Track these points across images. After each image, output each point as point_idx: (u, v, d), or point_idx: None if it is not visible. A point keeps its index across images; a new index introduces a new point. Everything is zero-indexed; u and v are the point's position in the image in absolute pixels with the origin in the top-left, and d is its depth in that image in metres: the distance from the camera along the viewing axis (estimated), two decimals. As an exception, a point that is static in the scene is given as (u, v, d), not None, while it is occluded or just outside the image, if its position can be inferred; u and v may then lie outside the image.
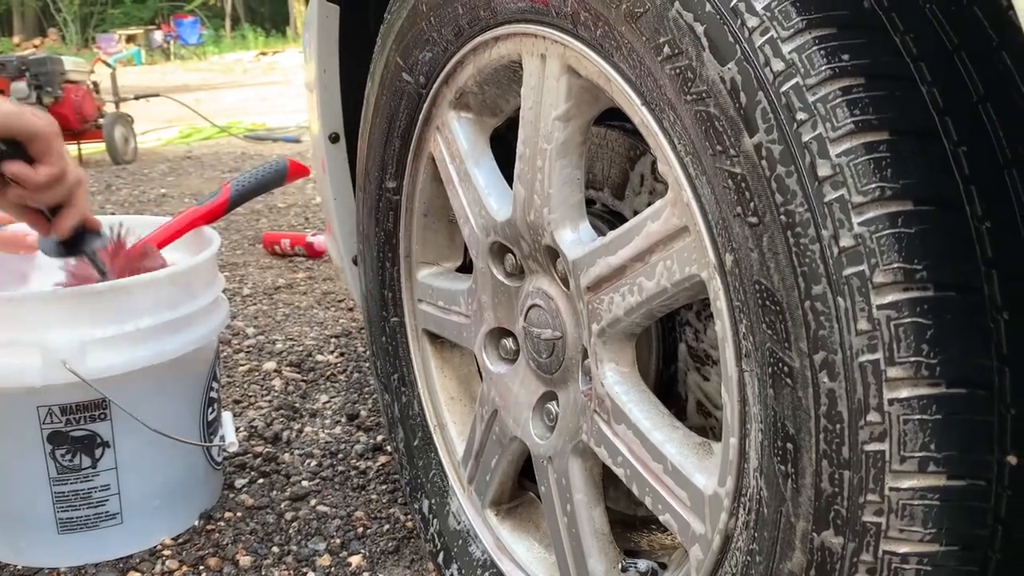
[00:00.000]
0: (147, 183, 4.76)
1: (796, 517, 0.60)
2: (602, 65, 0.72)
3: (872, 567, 0.56)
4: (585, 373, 0.84)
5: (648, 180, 0.91)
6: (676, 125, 0.64)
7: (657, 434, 0.76)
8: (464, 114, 0.98)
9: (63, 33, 23.53)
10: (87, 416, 1.22)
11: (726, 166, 0.60)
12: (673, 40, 0.62)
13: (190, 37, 21.78)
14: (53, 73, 5.16)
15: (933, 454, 0.54)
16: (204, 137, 6.82)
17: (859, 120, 0.54)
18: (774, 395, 0.60)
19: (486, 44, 0.89)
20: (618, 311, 0.76)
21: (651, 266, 0.72)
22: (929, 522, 0.55)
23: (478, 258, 0.97)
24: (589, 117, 0.80)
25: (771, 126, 0.56)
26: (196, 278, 1.31)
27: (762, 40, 0.56)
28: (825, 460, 0.57)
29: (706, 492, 0.70)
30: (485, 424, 1.03)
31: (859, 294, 0.54)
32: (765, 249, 0.58)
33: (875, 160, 0.53)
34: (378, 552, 1.30)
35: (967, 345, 0.54)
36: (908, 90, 0.55)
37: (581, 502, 0.88)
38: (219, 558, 1.29)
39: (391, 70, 1.04)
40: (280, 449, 1.63)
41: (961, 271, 0.54)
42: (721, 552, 0.69)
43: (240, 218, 3.64)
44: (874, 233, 0.53)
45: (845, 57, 0.55)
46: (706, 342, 0.85)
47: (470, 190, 0.96)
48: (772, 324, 0.59)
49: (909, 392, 0.53)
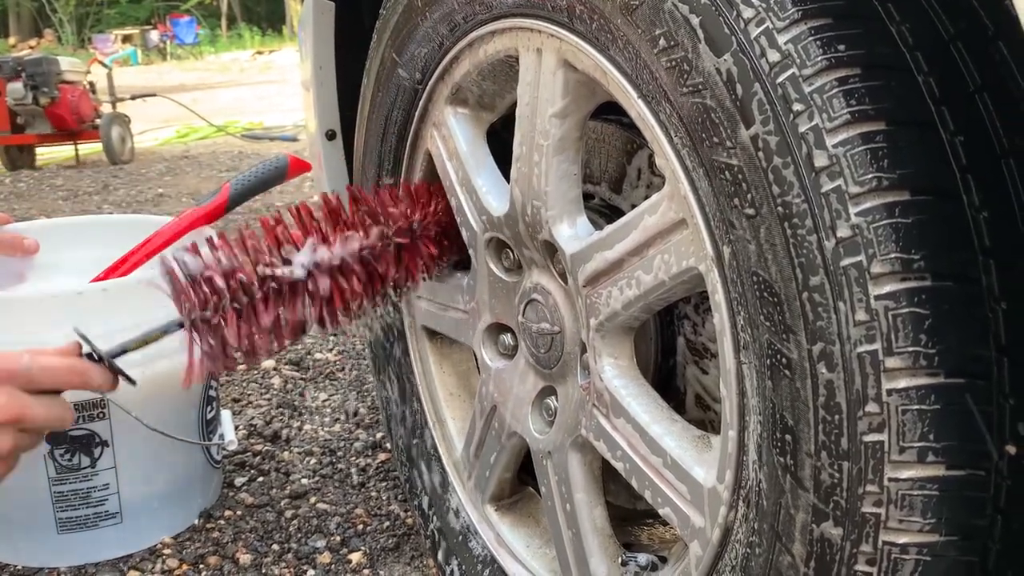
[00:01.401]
0: (144, 183, 4.76)
1: (795, 509, 0.60)
2: (598, 59, 0.72)
3: (872, 558, 0.56)
4: (584, 367, 0.84)
5: (645, 174, 0.90)
6: (672, 118, 0.64)
7: (656, 428, 0.75)
8: (460, 110, 0.98)
9: (59, 33, 23.52)
10: (86, 415, 1.22)
11: (723, 158, 0.60)
12: (669, 32, 0.62)
13: (186, 37, 21.78)
14: (49, 74, 5.17)
15: (932, 444, 0.54)
16: (201, 136, 6.82)
17: (856, 110, 0.54)
18: (772, 387, 0.60)
19: (482, 39, 0.89)
20: (616, 305, 0.76)
21: (649, 260, 0.72)
22: (928, 512, 0.55)
23: (476, 254, 0.97)
24: (585, 112, 0.80)
25: (767, 117, 0.56)
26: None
27: (758, 31, 0.56)
28: (824, 451, 0.57)
29: (705, 485, 0.70)
30: (484, 420, 1.03)
31: (857, 284, 0.54)
32: (763, 241, 0.58)
33: (872, 150, 0.53)
34: (378, 549, 1.30)
35: (965, 335, 0.54)
36: (905, 80, 0.55)
37: (581, 497, 0.88)
38: (219, 556, 1.29)
39: (387, 66, 1.03)
40: (279, 447, 1.63)
41: (959, 261, 0.54)
42: (721, 545, 0.69)
43: (239, 217, 3.64)
44: (871, 223, 0.53)
45: (841, 47, 0.54)
46: (704, 335, 0.85)
47: (467, 185, 0.96)
48: (770, 316, 0.59)
49: (907, 382, 0.53)
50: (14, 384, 0.79)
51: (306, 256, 0.87)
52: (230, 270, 0.84)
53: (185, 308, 0.84)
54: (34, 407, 0.80)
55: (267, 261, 0.86)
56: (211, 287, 0.84)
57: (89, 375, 0.83)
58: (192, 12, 24.05)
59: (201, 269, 0.84)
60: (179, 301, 0.84)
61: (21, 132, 5.37)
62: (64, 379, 0.83)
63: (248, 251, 0.86)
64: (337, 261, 0.88)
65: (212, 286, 0.84)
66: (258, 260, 0.86)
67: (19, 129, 5.35)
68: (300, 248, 0.87)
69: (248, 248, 0.86)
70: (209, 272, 0.84)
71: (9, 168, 5.45)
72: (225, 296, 0.84)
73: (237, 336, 0.84)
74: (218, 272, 0.84)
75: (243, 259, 0.85)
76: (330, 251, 0.88)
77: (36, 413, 0.80)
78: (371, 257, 0.91)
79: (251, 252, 0.86)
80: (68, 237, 1.47)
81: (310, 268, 0.87)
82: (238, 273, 0.84)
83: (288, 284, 0.86)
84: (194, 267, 0.84)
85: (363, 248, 0.90)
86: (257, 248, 0.86)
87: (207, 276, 0.84)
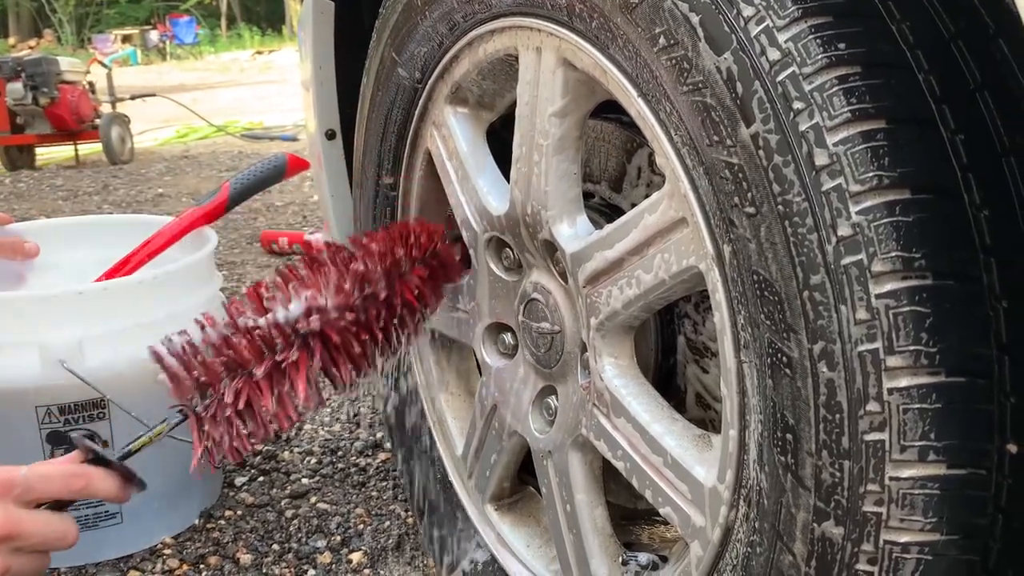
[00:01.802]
0: (144, 183, 4.75)
1: (797, 508, 0.60)
2: (598, 57, 0.71)
3: (873, 557, 0.56)
4: (584, 367, 0.84)
5: (645, 172, 0.90)
6: (673, 116, 0.64)
7: (656, 427, 0.75)
8: (460, 109, 0.98)
9: (59, 33, 23.52)
10: (86, 416, 1.22)
11: (723, 156, 0.60)
12: (669, 30, 0.62)
13: (186, 37, 21.78)
14: (49, 74, 5.16)
15: (933, 443, 0.54)
16: (201, 136, 6.81)
17: (856, 108, 0.54)
18: (773, 386, 0.60)
19: (481, 38, 0.89)
20: (616, 304, 0.76)
21: (649, 259, 0.71)
22: (929, 511, 0.55)
23: (476, 253, 0.97)
24: (585, 111, 0.80)
25: (768, 116, 0.56)
26: (193, 276, 1.30)
27: (758, 29, 0.56)
28: (825, 450, 0.57)
29: (706, 484, 0.70)
30: (484, 419, 1.03)
31: (858, 283, 0.53)
32: (763, 239, 0.58)
33: (872, 148, 0.53)
34: (379, 549, 1.30)
35: (966, 333, 0.54)
36: (905, 78, 0.55)
37: (582, 497, 0.88)
38: (219, 556, 1.29)
39: (386, 66, 1.03)
40: (280, 447, 1.63)
41: (960, 259, 0.54)
42: (722, 544, 0.69)
43: (238, 217, 3.64)
44: (872, 222, 0.53)
45: (841, 45, 0.54)
46: (705, 334, 0.85)
47: (467, 185, 0.96)
48: (771, 314, 0.59)
49: (909, 381, 0.53)
50: (9, 497, 0.73)
51: (295, 312, 0.82)
52: (222, 346, 0.80)
53: (184, 396, 0.80)
54: (28, 522, 0.74)
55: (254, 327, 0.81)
56: (207, 369, 0.80)
57: (92, 480, 0.77)
58: (192, 12, 24.05)
59: (192, 352, 0.80)
60: (178, 390, 0.80)
61: (21, 132, 5.36)
62: (64, 487, 0.76)
63: (236, 321, 0.81)
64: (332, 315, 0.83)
65: (207, 369, 0.80)
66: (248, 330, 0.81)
67: (19, 129, 5.35)
68: (288, 306, 0.82)
69: (236, 318, 0.82)
70: (200, 355, 0.80)
71: (9, 168, 5.45)
72: (223, 377, 0.80)
73: (242, 417, 0.80)
74: (211, 351, 0.80)
75: (233, 331, 0.81)
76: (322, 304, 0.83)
77: (31, 529, 0.74)
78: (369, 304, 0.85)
79: (239, 322, 0.81)
80: (68, 237, 1.47)
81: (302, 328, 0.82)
82: (231, 348, 0.80)
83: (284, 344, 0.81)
84: (184, 349, 0.80)
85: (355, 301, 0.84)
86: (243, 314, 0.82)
87: (199, 360, 0.80)
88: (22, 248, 1.35)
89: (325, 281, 0.84)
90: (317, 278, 0.85)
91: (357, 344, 0.85)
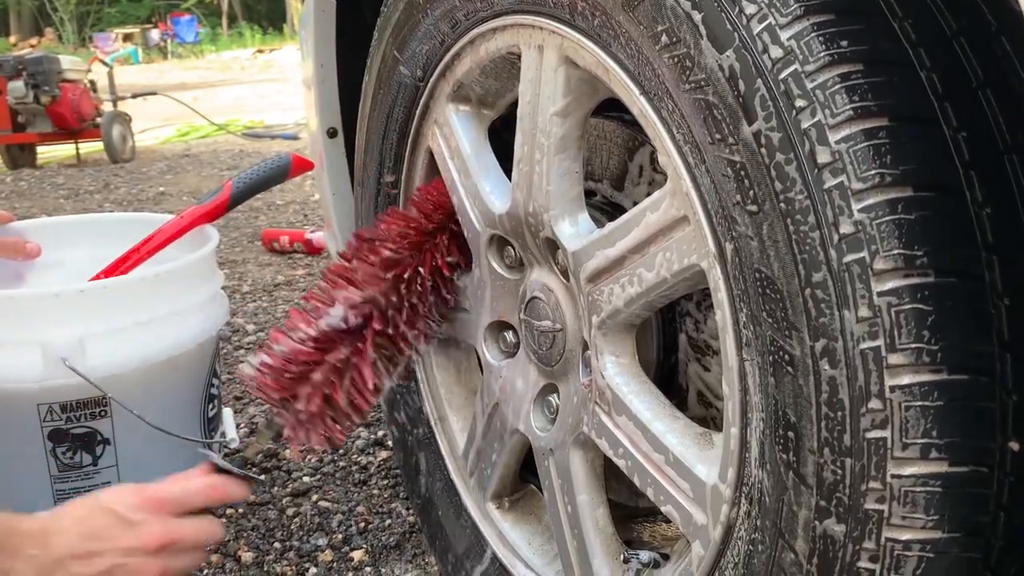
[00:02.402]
0: (145, 181, 4.76)
1: (798, 506, 0.60)
2: (600, 55, 0.71)
3: (875, 554, 0.56)
4: (585, 365, 0.84)
5: (647, 171, 0.90)
6: (675, 114, 0.64)
7: (658, 425, 0.75)
8: (462, 107, 0.98)
9: (60, 32, 23.54)
10: (87, 413, 1.22)
11: (725, 154, 0.60)
12: (671, 28, 0.62)
13: (187, 35, 21.78)
14: (50, 72, 5.16)
15: (935, 441, 0.54)
16: (202, 135, 6.81)
17: (858, 106, 0.54)
18: (775, 384, 0.60)
19: (483, 36, 0.89)
20: (618, 302, 0.76)
21: (650, 257, 0.71)
22: (931, 509, 0.55)
23: (478, 251, 0.97)
24: (587, 109, 0.80)
25: (770, 113, 0.56)
26: (195, 274, 1.30)
27: (760, 27, 0.56)
28: (827, 448, 0.57)
29: (708, 482, 0.69)
30: (486, 417, 1.03)
31: (860, 281, 0.53)
32: (765, 237, 0.58)
33: (874, 146, 0.53)
34: (380, 547, 1.30)
35: (968, 331, 0.54)
36: (907, 76, 0.55)
37: (583, 495, 0.88)
38: (221, 554, 1.29)
39: (388, 64, 1.03)
40: (281, 445, 1.62)
41: (962, 257, 0.54)
42: (723, 542, 0.69)
43: (239, 215, 3.64)
44: (874, 220, 0.53)
45: (844, 43, 0.54)
46: (706, 332, 0.85)
47: (469, 183, 0.96)
48: (772, 312, 0.59)
49: (910, 379, 0.53)
50: (165, 511, 0.88)
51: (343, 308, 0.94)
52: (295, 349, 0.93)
53: (276, 399, 0.94)
54: (183, 529, 0.88)
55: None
56: (289, 374, 0.93)
57: (228, 489, 0.93)
58: (193, 11, 24.05)
59: (275, 361, 0.94)
60: (269, 397, 0.95)
61: (22, 131, 5.37)
62: (207, 497, 0.92)
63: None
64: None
65: (290, 373, 0.93)
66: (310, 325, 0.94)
67: (20, 128, 5.35)
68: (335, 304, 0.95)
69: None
70: (279, 361, 0.93)
71: (10, 167, 5.45)
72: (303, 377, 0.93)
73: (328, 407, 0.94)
74: (287, 354, 0.93)
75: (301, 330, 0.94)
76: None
77: (186, 534, 0.89)
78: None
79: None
80: (69, 235, 1.47)
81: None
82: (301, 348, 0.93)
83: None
84: (270, 360, 0.94)
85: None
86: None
87: (278, 366, 0.93)
88: (24, 249, 1.36)
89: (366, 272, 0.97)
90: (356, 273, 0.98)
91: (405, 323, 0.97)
